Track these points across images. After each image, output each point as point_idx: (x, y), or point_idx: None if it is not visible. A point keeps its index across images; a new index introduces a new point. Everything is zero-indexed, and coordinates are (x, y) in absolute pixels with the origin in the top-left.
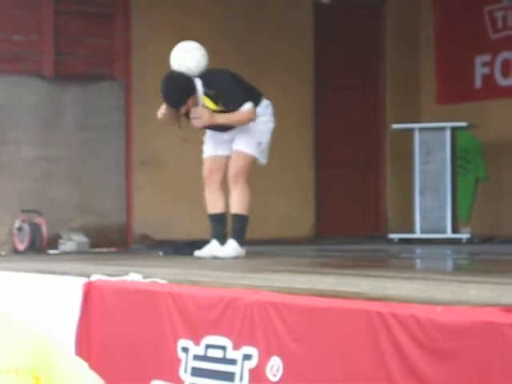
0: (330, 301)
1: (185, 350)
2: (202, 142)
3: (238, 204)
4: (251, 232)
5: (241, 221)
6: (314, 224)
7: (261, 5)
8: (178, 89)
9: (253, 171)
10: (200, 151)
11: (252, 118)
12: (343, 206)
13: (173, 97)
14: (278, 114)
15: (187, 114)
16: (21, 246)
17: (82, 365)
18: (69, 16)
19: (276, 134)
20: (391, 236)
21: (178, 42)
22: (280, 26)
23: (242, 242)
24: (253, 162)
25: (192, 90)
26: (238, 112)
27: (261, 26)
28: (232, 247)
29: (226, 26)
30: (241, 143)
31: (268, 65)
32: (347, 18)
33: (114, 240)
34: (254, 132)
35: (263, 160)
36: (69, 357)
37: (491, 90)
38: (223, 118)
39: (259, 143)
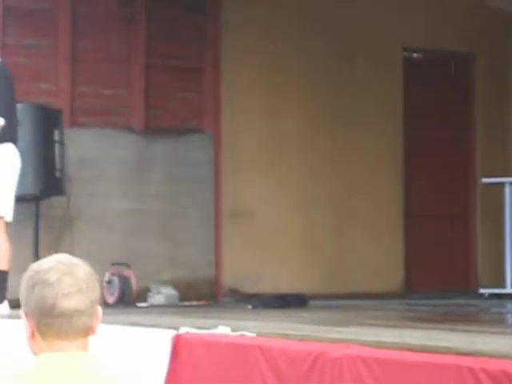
0: (420, 355)
1: None
2: (294, 194)
3: None
4: (339, 285)
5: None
6: (403, 278)
7: (348, 62)
8: None
9: (341, 223)
10: (291, 203)
11: None
12: (433, 259)
13: None
14: (369, 164)
15: None
16: (110, 299)
17: None
18: (158, 70)
19: (367, 184)
20: (481, 291)
21: (266, 94)
22: (369, 81)
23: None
24: None
25: None
26: None
27: (348, 84)
28: None
29: (313, 85)
30: None
31: (357, 111)
32: (436, 71)
33: (203, 293)
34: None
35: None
36: None
37: None
38: None
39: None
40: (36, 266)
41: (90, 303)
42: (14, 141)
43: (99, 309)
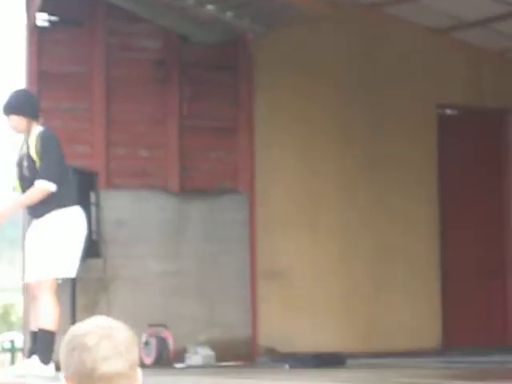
0: None
1: None
2: (330, 254)
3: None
4: (377, 343)
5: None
6: (442, 335)
7: (386, 107)
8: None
9: (378, 280)
10: (328, 263)
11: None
12: (470, 316)
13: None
14: (406, 226)
15: None
16: (148, 360)
17: None
18: (193, 131)
19: (403, 246)
20: None
21: (300, 150)
22: (404, 131)
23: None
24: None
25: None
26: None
27: (385, 131)
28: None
29: (349, 144)
30: None
31: (392, 170)
32: (471, 128)
33: (239, 353)
34: None
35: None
36: None
37: None
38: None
39: None
40: (74, 329)
41: (129, 366)
42: (76, 203)
43: (139, 371)
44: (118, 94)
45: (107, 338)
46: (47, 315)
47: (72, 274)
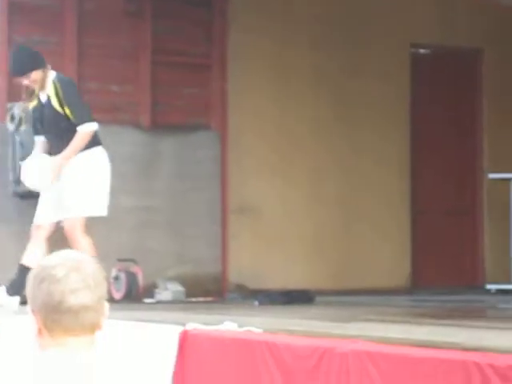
0: (426, 351)
1: None
2: (302, 191)
3: None
4: (346, 281)
5: None
6: (410, 273)
7: (357, 61)
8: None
9: (349, 218)
10: (299, 200)
11: None
12: (440, 255)
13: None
14: (377, 161)
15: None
16: (117, 295)
17: None
18: (165, 67)
19: (374, 182)
20: (488, 286)
21: (275, 94)
22: (375, 82)
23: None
24: None
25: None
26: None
27: (357, 84)
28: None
29: (322, 86)
30: None
31: (364, 109)
32: (444, 67)
33: (209, 289)
34: None
35: None
36: None
37: None
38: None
39: None
40: (43, 262)
41: (97, 299)
42: (100, 143)
43: (106, 305)
44: (90, 27)
45: (76, 270)
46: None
47: (104, 212)
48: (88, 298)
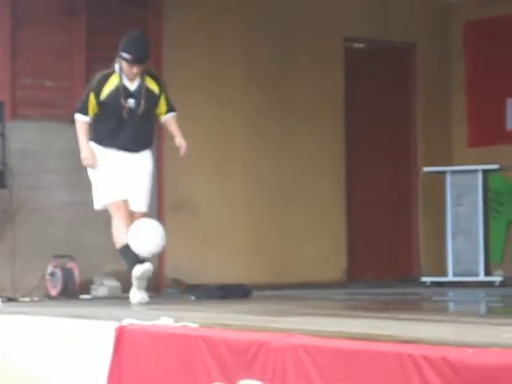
0: (362, 344)
1: None
2: (239, 185)
3: None
4: (283, 276)
5: None
6: (346, 267)
7: (291, 52)
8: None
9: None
10: (236, 194)
11: None
12: (375, 249)
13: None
14: (309, 159)
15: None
16: (53, 291)
17: None
18: (101, 62)
19: (308, 178)
20: (423, 279)
21: (210, 86)
22: (309, 74)
23: None
24: None
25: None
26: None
27: (291, 74)
28: None
29: (257, 76)
30: None
31: (297, 113)
32: (378, 61)
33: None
34: None
35: None
36: None
37: None
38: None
39: None
40: None
41: None
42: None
43: None
44: (24, 23)
45: None
46: None
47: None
48: None
